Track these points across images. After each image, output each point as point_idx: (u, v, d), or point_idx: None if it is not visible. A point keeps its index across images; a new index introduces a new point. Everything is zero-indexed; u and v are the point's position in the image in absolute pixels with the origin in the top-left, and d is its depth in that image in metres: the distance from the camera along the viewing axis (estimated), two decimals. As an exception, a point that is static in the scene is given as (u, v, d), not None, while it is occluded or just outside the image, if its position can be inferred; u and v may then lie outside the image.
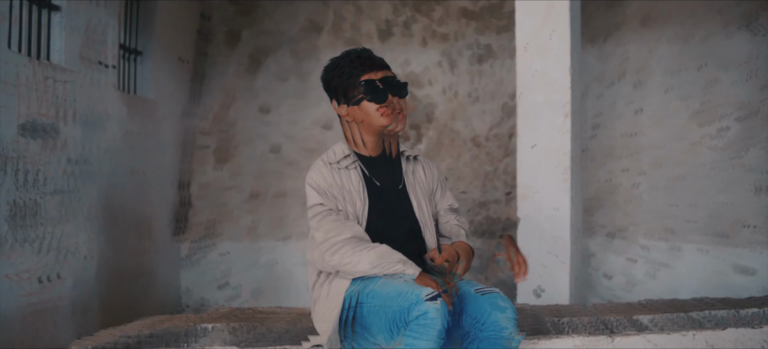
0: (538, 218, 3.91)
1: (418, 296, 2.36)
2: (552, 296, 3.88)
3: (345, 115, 2.70)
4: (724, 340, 2.87)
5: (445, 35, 5.85)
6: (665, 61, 5.26)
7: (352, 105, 2.68)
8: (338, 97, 2.71)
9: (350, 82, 2.66)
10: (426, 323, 2.32)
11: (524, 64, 3.93)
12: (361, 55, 2.67)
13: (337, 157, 2.71)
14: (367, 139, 2.73)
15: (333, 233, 2.60)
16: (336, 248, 2.59)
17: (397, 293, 2.44)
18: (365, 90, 2.63)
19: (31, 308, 4.09)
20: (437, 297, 2.35)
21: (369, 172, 2.73)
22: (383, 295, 2.49)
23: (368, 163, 2.75)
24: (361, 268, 2.56)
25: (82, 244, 4.61)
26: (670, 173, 5.12)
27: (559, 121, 3.84)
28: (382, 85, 2.64)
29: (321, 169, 2.69)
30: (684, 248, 5.03)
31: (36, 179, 4.14)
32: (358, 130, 2.73)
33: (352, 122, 2.72)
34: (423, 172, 2.86)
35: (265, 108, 6.13)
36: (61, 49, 4.39)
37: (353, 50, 2.70)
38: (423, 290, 2.38)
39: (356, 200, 2.67)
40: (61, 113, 4.36)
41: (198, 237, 5.95)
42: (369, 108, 2.65)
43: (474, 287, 2.54)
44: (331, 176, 2.68)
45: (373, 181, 2.73)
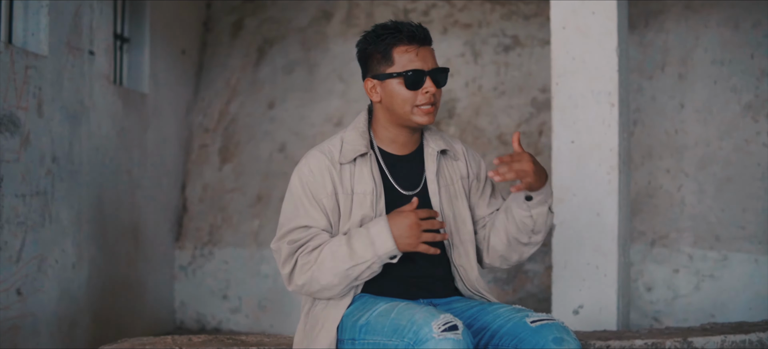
0: (577, 224, 3.48)
1: (417, 334, 1.89)
2: (593, 315, 3.45)
3: (370, 92, 2.23)
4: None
5: (468, 23, 5.44)
6: (712, 49, 4.83)
7: (376, 79, 2.21)
8: (367, 69, 2.24)
9: (379, 49, 2.20)
10: None
11: (561, 47, 3.50)
12: (402, 25, 2.19)
13: (346, 153, 2.19)
14: (395, 132, 2.25)
15: (296, 252, 2.14)
16: (297, 269, 2.13)
17: (393, 329, 1.97)
18: (397, 66, 2.17)
19: (8, 322, 3.73)
20: (455, 327, 1.90)
21: (389, 172, 2.25)
22: (377, 330, 2.02)
23: (389, 160, 2.26)
24: (333, 281, 2.09)
25: (69, 251, 4.23)
26: (718, 174, 4.70)
27: (604, 112, 3.41)
28: (420, 66, 2.17)
29: (317, 165, 2.18)
30: (732, 258, 4.60)
31: (12, 178, 3.76)
32: (384, 119, 2.25)
33: (378, 105, 2.24)
34: (464, 167, 2.35)
35: (269, 102, 5.73)
36: (45, 35, 4.02)
37: (397, 21, 2.22)
38: (425, 324, 1.91)
39: (367, 207, 2.16)
40: (43, 106, 3.98)
41: (201, 244, 5.55)
42: (397, 91, 2.18)
43: (528, 316, 2.07)
44: (327, 177, 2.17)
45: (392, 184, 2.24)
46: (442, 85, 2.22)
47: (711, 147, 4.75)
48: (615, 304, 3.40)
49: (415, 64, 2.16)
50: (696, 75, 4.86)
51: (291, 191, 2.20)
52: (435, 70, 2.19)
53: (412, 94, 2.17)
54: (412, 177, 2.26)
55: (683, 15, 4.97)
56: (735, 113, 4.74)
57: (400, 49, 2.18)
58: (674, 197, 4.74)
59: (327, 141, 2.26)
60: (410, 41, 2.18)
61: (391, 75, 2.17)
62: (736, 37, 4.82)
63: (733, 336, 3.04)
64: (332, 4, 5.79)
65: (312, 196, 2.16)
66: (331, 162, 2.18)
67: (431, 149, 2.28)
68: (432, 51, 2.23)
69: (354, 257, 2.07)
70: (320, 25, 5.79)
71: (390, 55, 2.18)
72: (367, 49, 2.24)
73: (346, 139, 2.23)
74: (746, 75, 4.75)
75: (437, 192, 2.25)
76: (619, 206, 3.42)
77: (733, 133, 4.72)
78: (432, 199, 2.24)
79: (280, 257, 2.16)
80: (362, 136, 2.23)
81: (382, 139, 2.27)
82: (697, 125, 4.80)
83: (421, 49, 2.19)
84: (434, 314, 1.93)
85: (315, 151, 2.22)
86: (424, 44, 2.20)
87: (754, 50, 4.77)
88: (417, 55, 2.17)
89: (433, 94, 2.18)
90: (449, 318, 1.92)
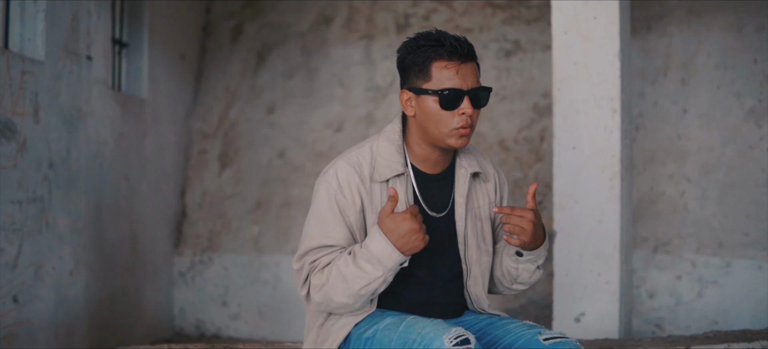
0: (579, 231, 3.46)
1: (429, 346, 1.84)
2: (594, 323, 3.43)
3: (405, 105, 2.10)
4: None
5: (469, 28, 5.42)
6: (715, 53, 4.82)
7: (412, 92, 2.09)
8: (405, 80, 2.11)
9: (418, 60, 2.06)
10: None
11: (563, 52, 3.48)
12: (445, 38, 2.05)
13: (383, 171, 2.08)
14: (427, 151, 2.12)
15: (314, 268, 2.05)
16: (313, 289, 2.05)
17: (403, 341, 1.91)
18: (434, 83, 2.04)
19: (4, 330, 3.71)
20: (467, 341, 1.85)
21: (420, 193, 2.13)
22: (386, 342, 1.96)
23: (421, 180, 2.14)
24: (347, 301, 2.01)
25: (66, 258, 4.21)
26: (721, 180, 4.67)
27: (606, 118, 3.39)
28: (459, 84, 2.03)
29: (345, 179, 2.06)
30: (736, 265, 4.57)
31: (9, 185, 3.74)
32: (417, 136, 2.12)
33: (413, 121, 2.11)
34: (492, 191, 2.24)
35: (269, 108, 5.71)
36: (41, 40, 4.00)
37: (441, 32, 2.08)
38: (437, 337, 1.85)
39: None
40: (39, 112, 3.97)
41: (200, 250, 5.53)
42: (432, 109, 2.05)
43: (541, 334, 2.02)
44: (356, 195, 2.06)
45: (422, 205, 2.13)
46: (483, 106, 2.09)
47: (714, 153, 4.73)
48: (617, 312, 3.37)
49: (453, 83, 2.03)
50: (699, 80, 4.84)
51: (317, 204, 2.08)
52: (475, 90, 2.05)
53: (448, 115, 2.04)
54: (441, 198, 2.16)
55: (686, 19, 4.95)
56: (738, 119, 4.72)
57: (440, 64, 2.04)
58: (677, 203, 4.72)
59: (355, 150, 2.13)
60: (451, 57, 2.03)
61: (427, 91, 2.04)
62: (740, 41, 4.80)
63: (737, 344, 3.03)
64: (332, 8, 5.77)
65: (338, 211, 2.05)
66: (360, 179, 2.07)
67: (464, 171, 2.17)
68: (474, 68, 2.08)
69: (365, 277, 1.96)
70: (320, 30, 5.77)
71: (428, 70, 2.05)
72: (405, 58, 2.10)
73: (380, 152, 2.10)
74: (749, 80, 4.73)
75: (464, 217, 2.15)
76: (621, 212, 3.39)
77: (736, 138, 4.70)
78: (457, 224, 2.15)
79: (300, 278, 2.08)
80: (398, 151, 2.11)
81: (415, 155, 2.14)
82: (700, 131, 4.78)
83: (462, 66, 2.04)
84: (445, 327, 1.88)
85: (344, 164, 2.09)
86: (467, 61, 2.05)
87: (757, 55, 4.75)
88: (457, 73, 2.03)
89: (470, 116, 2.05)
90: (461, 331, 1.87)
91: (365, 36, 5.64)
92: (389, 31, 5.59)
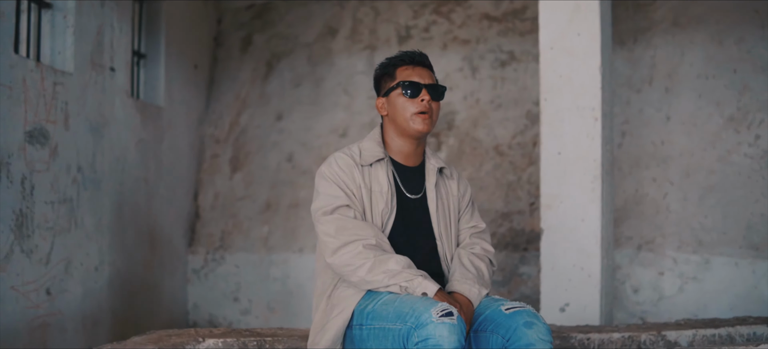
0: (563, 229, 3.82)
1: (418, 319, 2.24)
2: (578, 312, 3.78)
3: (380, 109, 2.66)
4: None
5: (467, 40, 5.78)
6: (698, 64, 5.16)
7: (383, 96, 2.64)
8: (378, 90, 2.69)
9: (387, 71, 2.65)
10: (437, 344, 2.20)
11: (549, 66, 3.85)
12: (406, 53, 2.65)
13: (367, 156, 2.60)
14: (400, 143, 2.65)
15: (351, 230, 2.48)
16: (352, 249, 2.47)
17: (397, 315, 2.33)
18: (399, 82, 2.58)
19: (38, 320, 4.07)
20: (451, 313, 2.24)
21: (399, 178, 2.65)
22: (383, 316, 2.38)
23: (399, 169, 2.66)
24: (375, 278, 2.43)
25: (92, 255, 4.58)
26: (701, 183, 5.02)
27: (588, 126, 3.75)
28: (418, 79, 2.58)
29: (345, 162, 2.58)
30: (714, 261, 4.92)
31: (42, 187, 4.11)
32: (391, 131, 2.65)
33: (386, 119, 2.65)
34: (455, 187, 2.76)
35: (277, 114, 6.08)
36: (70, 54, 4.37)
37: (405, 50, 2.70)
38: (425, 310, 2.25)
39: (381, 204, 2.56)
40: (69, 119, 4.34)
41: (213, 249, 5.90)
42: (398, 101, 2.59)
43: (503, 305, 2.43)
44: (354, 173, 2.57)
45: (401, 188, 2.64)
46: (438, 99, 2.61)
47: (695, 157, 5.07)
48: (598, 302, 3.73)
49: (412, 78, 2.59)
50: (681, 89, 5.18)
51: (325, 179, 2.57)
52: (431, 85, 2.60)
53: (411, 103, 2.57)
54: (415, 185, 2.66)
55: (670, 31, 5.29)
56: (718, 125, 5.06)
57: (402, 68, 2.62)
58: (660, 204, 5.07)
59: (346, 148, 2.66)
60: (409, 62, 2.63)
61: (393, 88, 2.59)
62: (721, 53, 5.14)
63: (704, 330, 3.37)
64: (337, 20, 6.14)
65: (344, 184, 2.55)
66: (354, 162, 2.59)
67: (432, 165, 2.69)
68: (430, 73, 2.65)
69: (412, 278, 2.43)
70: (326, 40, 6.14)
71: (394, 74, 2.62)
72: (377, 73, 2.69)
73: (364, 147, 2.63)
74: (729, 89, 5.07)
75: (434, 200, 2.66)
76: (602, 212, 3.75)
77: (716, 144, 5.04)
78: (430, 205, 2.65)
79: (330, 229, 2.50)
80: (378, 145, 2.64)
81: (392, 150, 2.66)
82: (682, 137, 5.12)
83: (418, 67, 2.62)
84: (433, 303, 2.29)
85: (339, 154, 2.62)
86: (422, 65, 2.63)
87: (737, 66, 5.08)
88: (413, 71, 2.60)
89: (429, 103, 2.57)
90: (446, 306, 2.27)
91: (368, 47, 6.01)
92: (391, 42, 5.95)
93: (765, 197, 4.85)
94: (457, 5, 5.87)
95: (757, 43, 5.03)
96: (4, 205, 3.80)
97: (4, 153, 3.79)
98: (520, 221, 5.28)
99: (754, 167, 4.91)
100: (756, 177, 4.89)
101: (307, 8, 6.22)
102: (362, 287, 2.48)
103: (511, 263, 5.24)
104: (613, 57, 5.24)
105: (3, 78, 3.77)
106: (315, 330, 2.58)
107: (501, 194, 5.40)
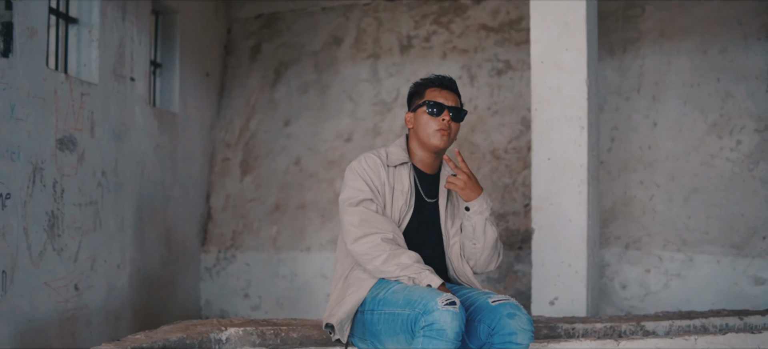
0: (552, 229, 4.18)
1: (425, 306, 2.60)
2: (566, 306, 4.14)
3: (407, 122, 3.03)
4: (723, 343, 3.12)
5: (465, 49, 6.14)
6: (683, 73, 5.49)
7: (412, 111, 3.02)
8: (408, 105, 3.07)
9: (418, 90, 3.02)
10: (441, 329, 2.56)
11: (539, 78, 4.21)
12: (437, 76, 3.03)
13: (393, 159, 2.98)
14: (421, 154, 3.02)
15: (372, 223, 2.85)
16: (371, 240, 2.83)
17: (406, 302, 2.69)
18: (426, 101, 2.95)
19: (68, 313, 4.43)
20: (454, 303, 2.61)
21: (418, 182, 3.03)
22: (393, 303, 2.74)
23: (419, 174, 3.04)
24: (388, 268, 2.80)
25: (115, 253, 4.95)
26: (685, 185, 5.36)
27: (575, 134, 4.11)
28: (442, 101, 2.94)
29: (373, 162, 2.97)
30: (697, 259, 5.25)
31: (71, 190, 4.48)
32: (415, 142, 3.02)
33: (412, 131, 3.03)
34: None
35: (285, 120, 6.45)
36: (95, 66, 4.74)
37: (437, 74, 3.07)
38: (432, 299, 2.61)
39: (401, 201, 2.95)
40: (94, 127, 4.70)
41: (224, 248, 6.27)
42: (423, 118, 2.96)
43: (490, 298, 2.79)
44: (381, 173, 2.95)
45: (420, 191, 3.02)
46: (458, 121, 2.96)
47: (680, 161, 5.42)
48: (585, 296, 4.10)
49: (437, 99, 2.96)
50: (668, 96, 5.53)
51: (353, 174, 2.95)
52: (454, 107, 2.96)
53: (433, 120, 2.93)
54: (432, 190, 3.06)
55: (658, 42, 5.64)
56: (702, 131, 5.41)
57: (431, 89, 3.00)
58: (646, 205, 5.42)
59: (375, 150, 3.06)
60: (439, 85, 3.00)
61: (421, 105, 2.97)
62: (705, 62, 5.48)
63: (680, 321, 3.73)
64: (342, 30, 6.50)
65: (371, 180, 2.92)
66: (381, 162, 2.98)
67: (446, 173, 3.08)
68: (455, 96, 3.00)
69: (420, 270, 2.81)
70: (331, 49, 6.50)
71: (423, 93, 3.01)
72: (411, 90, 3.08)
73: (391, 151, 3.03)
74: (713, 97, 5.42)
75: (445, 205, 3.06)
76: (588, 213, 4.12)
77: (699, 149, 5.39)
78: (440, 209, 3.06)
79: (354, 219, 2.87)
80: (403, 151, 3.04)
81: (415, 157, 3.05)
82: (667, 142, 5.47)
83: (444, 91, 2.99)
84: (439, 293, 2.66)
85: (369, 154, 3.01)
86: (449, 89, 3.00)
87: (720, 75, 5.43)
88: (440, 93, 2.98)
89: (449, 123, 2.93)
90: (450, 296, 2.64)
91: (372, 55, 6.37)
92: (393, 52, 6.32)
93: (745, 198, 5.20)
94: (456, 16, 6.23)
95: (739, 54, 5.37)
96: (38, 207, 4.17)
97: (38, 159, 4.16)
98: (515, 222, 5.64)
99: (735, 171, 5.25)
100: (737, 180, 5.23)
101: (313, 18, 6.59)
102: (376, 275, 2.87)
103: (507, 261, 5.60)
104: (604, 66, 5.61)
105: (37, 90, 4.14)
106: (332, 305, 2.99)
107: (497, 195, 5.76)
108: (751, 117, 5.28)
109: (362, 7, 6.51)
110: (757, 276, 5.07)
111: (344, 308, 2.90)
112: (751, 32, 5.36)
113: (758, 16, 5.37)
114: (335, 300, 3.00)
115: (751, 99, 5.31)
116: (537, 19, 4.28)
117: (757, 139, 5.24)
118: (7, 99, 3.90)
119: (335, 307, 2.96)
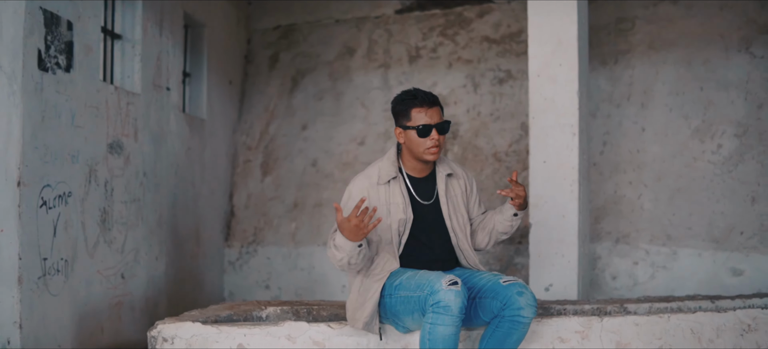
0: (548, 224, 4.78)
1: (432, 287, 3.09)
2: (559, 292, 4.75)
3: (398, 136, 3.35)
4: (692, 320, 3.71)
5: (470, 59, 6.71)
6: (669, 82, 6.02)
7: (401, 128, 3.34)
8: (396, 121, 3.38)
9: (402, 109, 3.32)
10: (446, 305, 3.06)
11: (536, 90, 4.81)
12: (418, 93, 3.32)
13: (383, 176, 3.34)
14: (414, 163, 3.38)
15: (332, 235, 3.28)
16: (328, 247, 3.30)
17: (417, 285, 3.20)
18: (413, 122, 3.27)
19: (115, 299, 5.05)
20: (457, 282, 3.12)
21: (413, 189, 3.41)
22: (406, 287, 3.24)
23: (412, 181, 3.40)
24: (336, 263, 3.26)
25: (154, 246, 5.56)
26: (670, 185, 5.91)
27: (568, 140, 4.71)
28: (428, 121, 3.26)
29: (363, 185, 3.33)
30: (681, 253, 5.74)
31: (119, 189, 5.10)
32: (407, 155, 3.39)
33: (403, 145, 3.37)
34: (462, 186, 3.50)
35: (302, 125, 7.05)
36: (138, 77, 5.36)
37: (416, 89, 3.37)
38: (437, 280, 3.10)
39: (399, 214, 3.32)
40: (137, 133, 5.33)
41: (246, 243, 6.88)
42: (412, 137, 3.31)
43: (501, 279, 3.31)
44: (370, 193, 3.30)
45: (415, 197, 3.41)
46: (445, 133, 3.33)
47: (665, 163, 5.98)
48: (575, 283, 4.71)
49: (424, 120, 3.29)
50: (655, 104, 6.09)
51: (347, 193, 3.40)
52: (440, 123, 3.32)
53: (423, 140, 3.30)
54: (428, 192, 3.42)
55: (646, 54, 6.20)
56: (686, 136, 5.96)
57: (416, 109, 3.31)
58: (635, 203, 6.00)
59: (368, 168, 3.44)
60: (422, 104, 3.30)
61: (409, 127, 3.31)
62: (689, 73, 6.02)
63: (659, 304, 4.33)
64: (355, 41, 7.10)
65: (352, 206, 3.31)
66: (370, 183, 3.36)
67: (441, 174, 3.47)
68: (438, 110, 3.33)
69: (337, 255, 3.23)
70: (345, 59, 7.10)
71: (409, 114, 3.32)
72: (395, 108, 3.40)
73: (382, 167, 3.39)
74: (696, 104, 5.96)
75: (446, 204, 3.44)
76: (579, 210, 4.72)
77: (683, 152, 5.95)
78: (442, 208, 3.43)
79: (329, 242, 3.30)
80: (393, 164, 3.39)
81: (407, 166, 3.43)
82: (654, 145, 6.03)
83: (430, 109, 3.30)
84: (442, 275, 3.20)
85: (361, 177, 3.40)
86: (433, 106, 3.31)
87: (703, 84, 5.98)
88: (426, 113, 3.29)
89: (438, 140, 3.30)
90: (453, 277, 3.17)
91: (383, 65, 6.98)
92: (403, 61, 6.92)
93: (725, 197, 5.75)
94: (461, 29, 6.84)
95: (720, 65, 5.90)
96: (93, 204, 4.78)
97: (92, 162, 4.78)
98: (516, 218, 6.23)
99: (716, 172, 5.81)
100: (718, 181, 5.81)
101: (328, 30, 7.20)
102: (334, 263, 3.29)
103: (508, 254, 6.20)
104: (597, 75, 6.20)
105: (92, 100, 4.76)
106: (353, 307, 3.41)
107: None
108: (730, 123, 5.81)
109: (374, 19, 7.11)
110: (734, 268, 5.63)
111: (366, 311, 3.32)
112: (732, 45, 5.91)
113: (738, 30, 5.93)
114: (355, 303, 3.40)
115: (731, 107, 5.84)
116: (534, 36, 4.87)
117: (737, 144, 5.79)
118: (69, 109, 4.52)
119: (358, 312, 3.37)
